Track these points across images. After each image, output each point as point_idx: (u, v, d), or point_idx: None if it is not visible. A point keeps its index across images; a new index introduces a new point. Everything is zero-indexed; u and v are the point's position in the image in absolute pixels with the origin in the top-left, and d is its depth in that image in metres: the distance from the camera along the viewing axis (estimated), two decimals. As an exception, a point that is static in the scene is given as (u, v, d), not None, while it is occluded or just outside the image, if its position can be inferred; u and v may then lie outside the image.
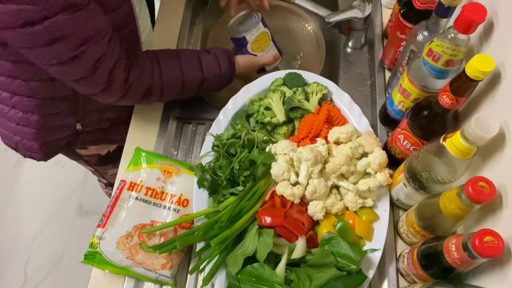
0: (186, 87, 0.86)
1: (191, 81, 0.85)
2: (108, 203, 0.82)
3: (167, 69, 0.83)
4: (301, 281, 0.67)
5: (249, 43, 0.93)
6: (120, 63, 0.75)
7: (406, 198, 0.76)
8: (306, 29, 1.06)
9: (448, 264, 0.60)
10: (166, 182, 0.84)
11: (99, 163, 1.19)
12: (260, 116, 0.85)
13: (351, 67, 1.01)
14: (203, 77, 0.86)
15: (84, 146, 1.06)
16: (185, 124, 0.96)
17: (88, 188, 1.93)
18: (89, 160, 1.16)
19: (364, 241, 0.75)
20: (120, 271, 0.78)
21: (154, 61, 0.82)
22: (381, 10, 1.06)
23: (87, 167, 1.23)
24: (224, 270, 0.73)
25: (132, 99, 0.82)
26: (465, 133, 0.56)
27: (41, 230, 1.86)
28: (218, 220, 0.73)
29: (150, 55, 0.82)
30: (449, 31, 0.64)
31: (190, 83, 0.85)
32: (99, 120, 0.97)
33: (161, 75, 0.82)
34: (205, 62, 0.86)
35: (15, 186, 1.96)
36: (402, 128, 0.75)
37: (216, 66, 0.87)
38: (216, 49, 0.90)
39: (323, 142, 0.79)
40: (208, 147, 0.83)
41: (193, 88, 0.87)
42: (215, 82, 0.89)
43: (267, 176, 0.78)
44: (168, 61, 0.83)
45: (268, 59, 0.96)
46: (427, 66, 0.69)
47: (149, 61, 0.81)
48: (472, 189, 0.55)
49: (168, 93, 0.85)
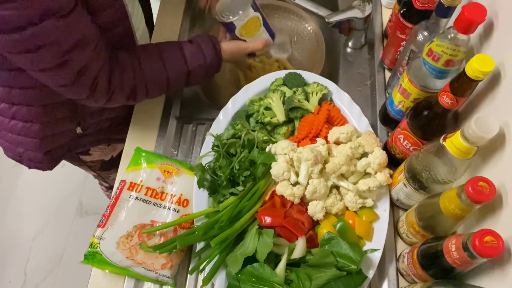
0: (172, 82, 0.84)
1: (176, 75, 0.84)
2: (108, 203, 0.82)
3: (150, 67, 0.81)
4: (301, 281, 0.67)
5: (237, 28, 0.88)
6: (104, 68, 0.74)
7: (406, 198, 0.76)
8: (306, 29, 1.06)
9: (448, 264, 0.60)
10: (166, 182, 0.84)
11: (102, 169, 1.19)
12: (260, 116, 0.85)
13: (351, 67, 1.01)
14: (189, 70, 0.84)
15: (86, 149, 1.06)
16: (185, 124, 0.96)
17: (88, 188, 1.93)
18: (93, 166, 1.16)
19: (364, 241, 0.75)
20: (120, 271, 0.78)
21: (135, 62, 0.80)
22: (381, 10, 1.06)
23: (90, 172, 1.22)
24: (224, 270, 0.73)
25: (118, 101, 0.81)
26: (465, 133, 0.56)
27: (41, 230, 1.86)
28: (218, 220, 0.73)
29: (131, 55, 0.81)
30: (449, 31, 0.64)
31: (175, 77, 0.84)
32: (99, 121, 0.97)
33: (143, 74, 0.80)
34: (188, 54, 0.83)
35: (15, 186, 1.96)
36: (402, 128, 0.75)
37: (200, 57, 0.84)
38: (200, 37, 0.86)
39: (323, 142, 0.79)
40: (208, 147, 0.83)
41: (180, 82, 0.86)
42: (202, 73, 0.86)
43: (267, 176, 0.78)
44: (150, 59, 0.81)
45: (257, 46, 0.89)
46: (427, 66, 0.69)
47: (130, 62, 0.80)
48: (472, 189, 0.55)
49: (154, 90, 0.84)
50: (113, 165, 1.17)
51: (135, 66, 0.80)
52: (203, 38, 0.86)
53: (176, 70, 0.83)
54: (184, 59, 0.83)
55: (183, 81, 0.86)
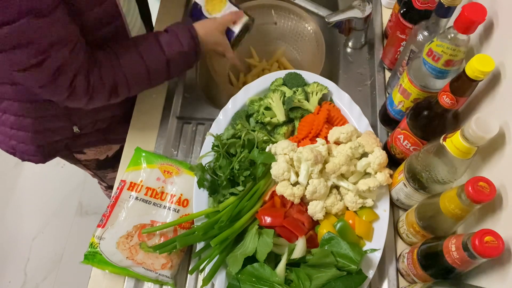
0: (154, 74, 0.83)
1: (156, 66, 0.82)
2: (108, 203, 0.82)
3: (128, 62, 0.80)
4: (301, 281, 0.67)
5: (203, 7, 0.89)
6: (82, 68, 0.74)
7: (406, 198, 0.76)
8: (306, 29, 1.06)
9: (448, 264, 0.60)
10: (166, 182, 0.84)
11: (98, 168, 1.19)
12: (260, 116, 0.85)
13: (351, 67, 1.01)
14: (167, 58, 0.82)
15: (83, 149, 1.06)
16: (185, 124, 0.96)
17: (88, 188, 1.93)
18: (88, 165, 1.16)
19: (364, 241, 0.75)
20: (120, 271, 0.78)
21: (113, 58, 0.79)
22: (381, 10, 1.06)
23: (87, 170, 1.23)
24: (224, 270, 0.73)
25: (100, 101, 0.80)
26: (465, 133, 0.56)
27: (41, 230, 1.86)
28: (218, 220, 0.73)
29: (107, 52, 0.79)
30: (449, 31, 0.64)
31: (155, 68, 0.82)
32: (95, 121, 0.97)
33: (122, 70, 0.79)
34: (165, 43, 0.82)
35: (15, 186, 1.96)
36: (402, 128, 0.75)
37: (177, 43, 0.83)
38: (175, 25, 0.85)
39: (323, 142, 0.79)
40: (208, 147, 0.83)
41: (161, 73, 0.84)
42: (182, 61, 0.85)
43: (267, 176, 0.78)
44: (127, 54, 0.80)
45: (228, 17, 0.89)
46: (427, 66, 0.69)
47: (108, 59, 0.78)
48: (472, 189, 0.55)
49: (136, 84, 0.83)
50: (108, 164, 1.17)
51: (113, 62, 0.78)
52: (178, 26, 0.85)
53: (155, 60, 0.82)
54: (161, 48, 0.82)
55: (164, 72, 0.84)
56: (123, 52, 0.80)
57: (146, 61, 0.81)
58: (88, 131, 0.98)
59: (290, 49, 1.16)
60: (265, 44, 1.17)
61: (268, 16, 1.10)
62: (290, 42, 1.15)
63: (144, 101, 0.98)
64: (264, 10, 1.08)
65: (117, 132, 1.03)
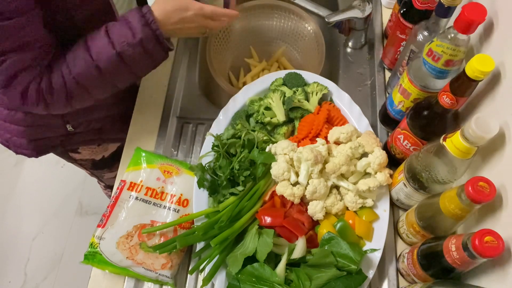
0: (106, 72, 0.72)
1: (105, 63, 0.71)
2: (108, 203, 0.82)
3: (74, 60, 0.71)
4: (301, 281, 0.67)
5: None
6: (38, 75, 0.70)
7: (406, 198, 0.76)
8: (306, 29, 1.06)
9: (448, 264, 0.60)
10: (166, 182, 0.84)
11: (94, 168, 1.19)
12: (260, 116, 0.85)
13: (351, 67, 1.01)
14: (117, 52, 0.70)
15: (78, 147, 1.06)
16: (185, 124, 0.96)
17: (88, 188, 1.93)
18: (84, 164, 1.16)
19: (364, 241, 0.75)
20: (120, 271, 0.78)
21: (61, 59, 0.72)
22: (381, 10, 1.06)
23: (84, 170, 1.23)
24: (224, 270, 0.73)
25: (58, 106, 0.74)
26: (465, 133, 0.56)
27: (41, 230, 1.86)
28: (218, 220, 0.73)
29: (55, 54, 0.72)
30: (449, 31, 0.64)
31: (105, 66, 0.71)
32: (89, 121, 0.97)
33: (69, 70, 0.71)
34: (114, 34, 0.71)
35: (15, 186, 1.96)
36: (402, 128, 0.75)
37: (128, 33, 0.70)
38: (130, 11, 0.72)
39: (323, 142, 0.79)
40: (208, 147, 0.83)
41: (117, 71, 0.73)
42: (142, 53, 0.72)
43: (267, 176, 0.78)
44: (75, 51, 0.72)
45: None
46: (427, 66, 0.69)
47: (56, 61, 0.72)
48: (472, 189, 0.55)
49: (91, 86, 0.74)
50: (105, 165, 1.17)
51: (61, 64, 0.72)
52: (132, 11, 0.72)
53: (103, 56, 0.70)
54: (110, 41, 0.70)
55: (121, 70, 0.73)
56: (71, 51, 0.72)
57: (95, 58, 0.71)
58: (83, 130, 0.98)
59: (290, 49, 1.16)
60: (265, 44, 1.17)
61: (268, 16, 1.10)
62: (290, 42, 1.15)
63: (144, 101, 0.98)
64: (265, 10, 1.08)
65: (113, 131, 1.03)
